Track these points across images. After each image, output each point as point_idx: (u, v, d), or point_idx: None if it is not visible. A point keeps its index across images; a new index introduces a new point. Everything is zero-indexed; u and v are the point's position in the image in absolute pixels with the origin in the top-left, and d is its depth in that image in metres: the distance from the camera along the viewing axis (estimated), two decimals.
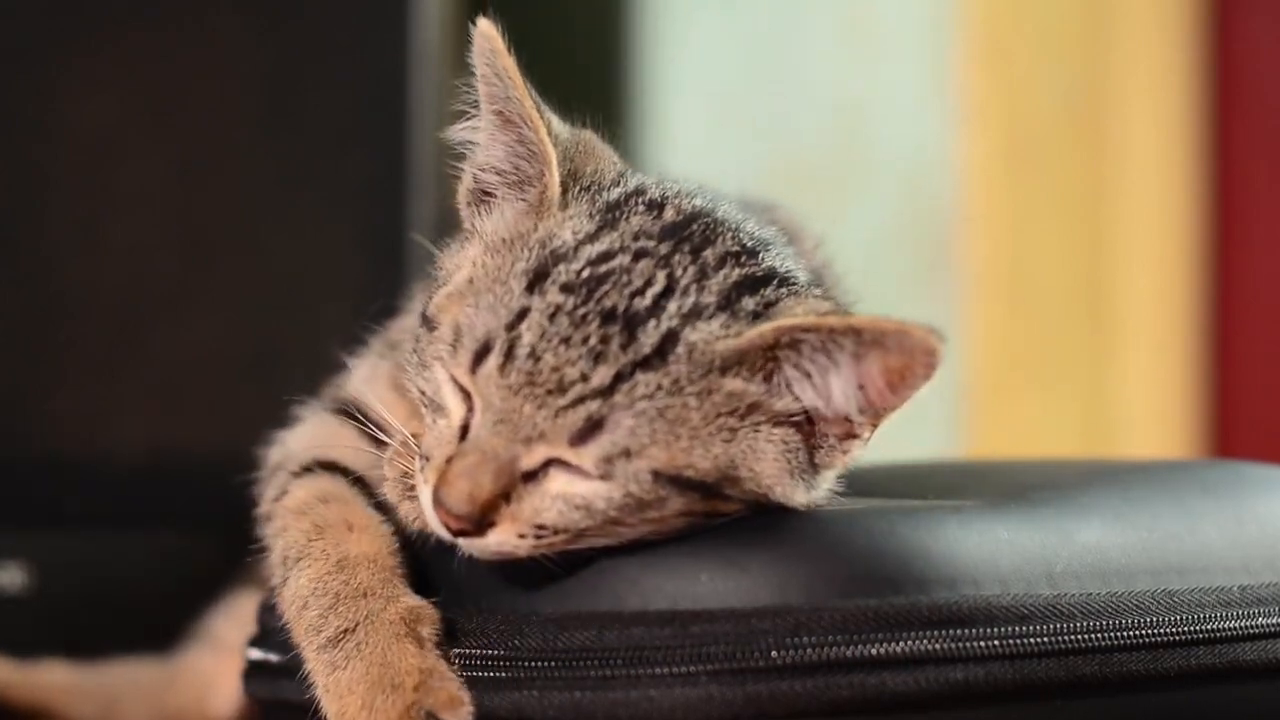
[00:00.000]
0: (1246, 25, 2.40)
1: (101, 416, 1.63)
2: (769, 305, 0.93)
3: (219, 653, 1.38)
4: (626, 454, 0.90)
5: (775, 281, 0.95)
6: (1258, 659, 0.98)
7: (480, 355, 0.91)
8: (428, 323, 0.97)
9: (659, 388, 0.90)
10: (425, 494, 0.92)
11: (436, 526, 0.92)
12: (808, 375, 0.92)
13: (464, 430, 0.92)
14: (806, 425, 0.93)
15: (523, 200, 0.98)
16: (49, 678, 1.42)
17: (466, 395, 0.93)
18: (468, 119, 1.00)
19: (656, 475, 0.90)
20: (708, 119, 2.35)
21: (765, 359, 0.92)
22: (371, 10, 1.66)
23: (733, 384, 0.91)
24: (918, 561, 0.91)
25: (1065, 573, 0.95)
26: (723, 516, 0.92)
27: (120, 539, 1.61)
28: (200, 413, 1.63)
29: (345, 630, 0.94)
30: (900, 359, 0.90)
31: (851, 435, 0.93)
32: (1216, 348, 2.41)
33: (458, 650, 0.93)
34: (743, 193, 1.11)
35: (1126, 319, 2.32)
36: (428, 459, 0.93)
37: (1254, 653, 0.98)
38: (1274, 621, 0.99)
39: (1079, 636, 0.92)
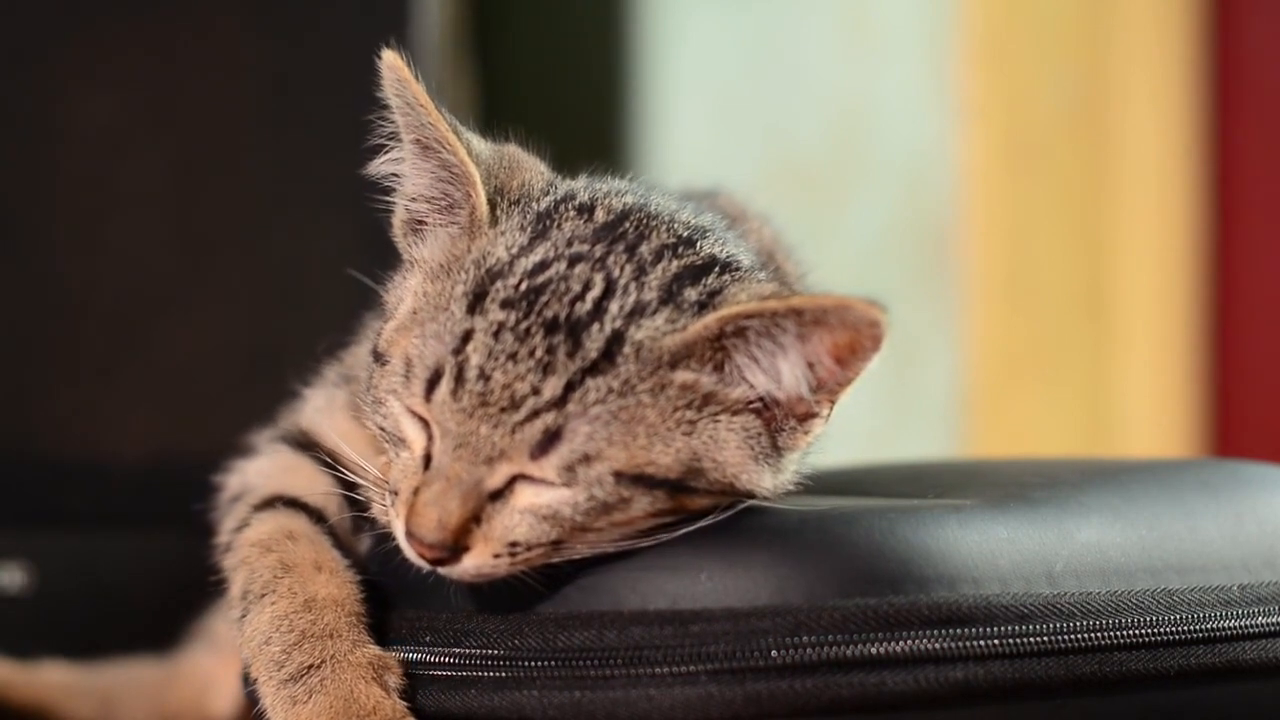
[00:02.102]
0: (1246, 25, 2.40)
1: (101, 416, 1.63)
2: (713, 294, 0.93)
3: (219, 653, 1.38)
4: (586, 459, 0.90)
5: (717, 269, 0.95)
6: (1257, 658, 0.98)
7: (432, 383, 0.91)
8: (379, 358, 0.96)
9: (610, 390, 0.90)
10: (398, 528, 0.92)
11: (413, 558, 0.92)
12: (756, 361, 0.92)
13: (427, 460, 0.92)
14: (765, 410, 0.93)
15: (454, 224, 0.98)
16: (49, 678, 1.42)
17: (425, 424, 0.93)
18: (388, 152, 1.00)
19: (619, 476, 0.90)
20: (708, 119, 2.34)
21: (713, 349, 0.92)
22: (371, 10, 1.66)
23: (684, 377, 0.91)
24: (918, 561, 0.91)
25: (1065, 572, 0.95)
26: (694, 514, 0.92)
27: (120, 539, 1.61)
28: (200, 413, 1.63)
29: (309, 666, 0.93)
30: (846, 334, 0.90)
31: (811, 415, 0.93)
32: (1216, 347, 2.41)
33: (458, 650, 0.93)
34: (685, 183, 1.11)
35: (1126, 318, 2.32)
36: (396, 493, 0.93)
37: (1254, 652, 0.98)
38: (1274, 621, 0.99)
39: (1079, 635, 0.92)
